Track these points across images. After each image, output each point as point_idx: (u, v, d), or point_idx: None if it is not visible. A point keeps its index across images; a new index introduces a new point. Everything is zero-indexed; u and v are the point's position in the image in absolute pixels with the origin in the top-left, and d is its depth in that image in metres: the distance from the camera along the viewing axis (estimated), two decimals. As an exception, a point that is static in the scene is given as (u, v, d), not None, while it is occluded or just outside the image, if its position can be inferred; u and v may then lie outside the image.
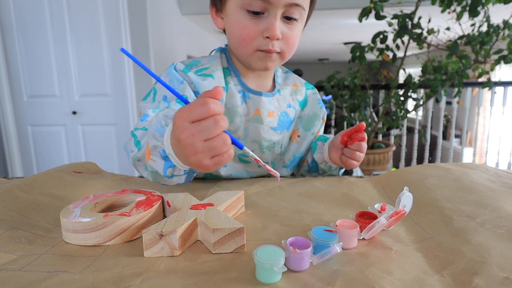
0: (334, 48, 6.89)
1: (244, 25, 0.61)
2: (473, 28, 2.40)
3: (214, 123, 0.37)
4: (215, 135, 0.37)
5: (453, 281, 0.34)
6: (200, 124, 0.37)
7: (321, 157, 0.74)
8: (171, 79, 0.64)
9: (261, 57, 0.64)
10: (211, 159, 0.39)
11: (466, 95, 3.13)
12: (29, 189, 0.57)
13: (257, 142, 0.71)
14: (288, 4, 0.59)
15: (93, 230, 0.43)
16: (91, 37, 2.44)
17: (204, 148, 0.38)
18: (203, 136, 0.37)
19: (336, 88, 2.75)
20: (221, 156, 0.39)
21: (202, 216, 0.44)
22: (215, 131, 0.37)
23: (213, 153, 0.38)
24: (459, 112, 4.50)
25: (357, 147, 0.65)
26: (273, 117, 0.72)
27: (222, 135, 0.38)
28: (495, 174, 0.64)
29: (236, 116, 0.69)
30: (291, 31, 0.63)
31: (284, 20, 0.62)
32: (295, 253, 0.36)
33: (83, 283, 0.35)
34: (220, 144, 0.38)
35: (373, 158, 2.70)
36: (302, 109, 0.79)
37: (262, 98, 0.70)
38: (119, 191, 0.53)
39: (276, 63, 0.66)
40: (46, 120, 2.59)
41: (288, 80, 0.79)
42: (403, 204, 0.45)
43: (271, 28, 0.60)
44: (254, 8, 0.59)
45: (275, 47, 0.62)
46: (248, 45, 0.63)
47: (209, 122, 0.37)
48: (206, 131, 0.37)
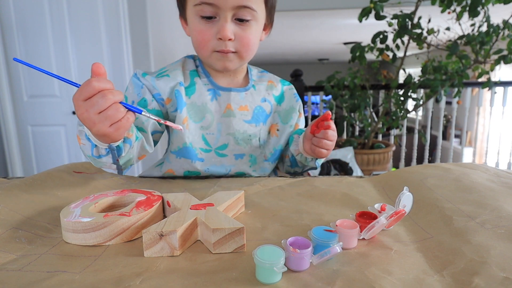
0: (334, 48, 6.89)
1: (200, 29, 0.68)
2: (473, 28, 2.40)
3: (102, 97, 0.44)
4: (106, 106, 0.44)
5: (453, 281, 0.34)
6: (91, 100, 0.44)
7: (297, 149, 0.75)
8: (134, 85, 0.72)
9: (218, 57, 0.69)
10: (110, 126, 0.46)
11: (466, 95, 3.13)
12: (29, 189, 0.57)
13: (231, 134, 0.75)
14: (235, 6, 0.64)
15: (93, 230, 0.43)
16: (91, 37, 2.44)
17: (100, 119, 0.45)
18: (95, 109, 0.44)
19: (336, 88, 2.75)
20: (119, 122, 0.46)
21: (202, 216, 0.44)
22: (104, 103, 0.44)
23: (110, 121, 0.46)
24: (459, 112, 4.51)
25: (323, 135, 0.66)
26: (246, 111, 0.77)
27: (114, 105, 0.45)
28: (495, 174, 0.64)
29: (207, 112, 0.74)
30: (244, 31, 0.68)
31: (237, 22, 0.67)
32: (295, 253, 0.36)
33: (83, 283, 0.35)
34: (113, 112, 0.45)
35: (373, 158, 2.70)
36: (280, 104, 0.82)
37: (231, 94, 0.75)
38: (119, 191, 0.53)
39: (234, 62, 0.71)
40: (46, 120, 2.59)
41: (264, 77, 0.83)
42: (403, 204, 0.45)
43: (221, 30, 0.65)
44: (206, 13, 0.65)
45: (229, 47, 0.68)
46: (205, 48, 0.69)
47: (97, 97, 0.44)
48: (97, 105, 0.44)
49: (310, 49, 6.99)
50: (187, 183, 0.70)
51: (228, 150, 0.75)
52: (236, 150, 0.76)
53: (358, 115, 2.80)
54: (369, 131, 2.78)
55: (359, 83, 2.74)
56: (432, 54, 2.66)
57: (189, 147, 0.72)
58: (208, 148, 0.75)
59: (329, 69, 5.40)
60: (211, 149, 0.75)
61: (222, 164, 0.76)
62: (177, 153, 0.73)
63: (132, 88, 0.72)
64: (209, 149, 0.75)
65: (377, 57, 2.62)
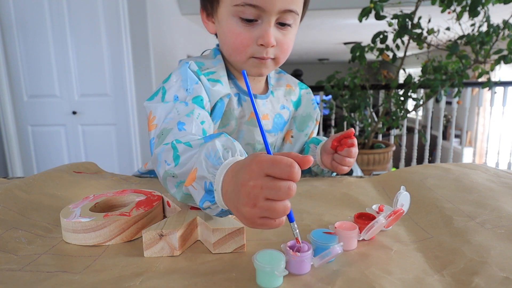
0: (334, 48, 6.89)
1: (237, 32, 0.60)
2: (473, 28, 2.40)
3: (288, 188, 0.34)
4: (281, 199, 0.34)
5: (453, 281, 0.34)
6: (274, 182, 0.34)
7: (313, 160, 0.74)
8: (185, 78, 0.61)
9: (255, 64, 0.63)
10: (261, 218, 0.36)
11: (466, 95, 3.13)
12: (29, 189, 0.57)
13: (251, 145, 0.71)
14: (282, 10, 0.58)
15: (93, 230, 0.43)
16: (91, 37, 2.44)
17: (264, 206, 0.35)
18: (271, 195, 0.34)
19: (336, 88, 2.75)
20: (272, 220, 0.36)
21: (202, 216, 0.44)
22: (284, 196, 0.34)
23: (267, 214, 0.35)
24: (459, 112, 4.50)
25: (347, 153, 0.65)
26: (267, 120, 0.72)
27: (286, 202, 0.35)
28: (495, 174, 0.64)
29: (232, 118, 0.68)
30: (285, 37, 0.62)
31: (278, 26, 0.61)
32: (295, 256, 0.35)
33: (83, 283, 0.35)
34: (280, 209, 0.34)
35: (373, 158, 2.69)
36: (296, 109, 0.79)
37: (257, 101, 0.70)
38: (119, 191, 0.53)
39: (270, 68, 0.66)
40: (46, 120, 2.59)
41: (281, 80, 0.78)
42: (401, 203, 0.45)
43: (265, 36, 0.59)
44: (247, 15, 0.58)
45: (269, 54, 0.62)
46: (242, 53, 0.62)
47: (284, 184, 0.34)
48: (277, 191, 0.34)
49: (310, 49, 6.99)
50: (187, 183, 0.70)
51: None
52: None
53: (358, 115, 2.80)
54: (369, 131, 2.78)
55: (359, 83, 2.73)
56: (432, 54, 2.66)
57: None
58: None
59: (329, 69, 5.40)
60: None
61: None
62: None
63: (182, 78, 0.61)
64: None
65: (377, 57, 2.62)
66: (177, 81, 0.61)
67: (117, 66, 2.49)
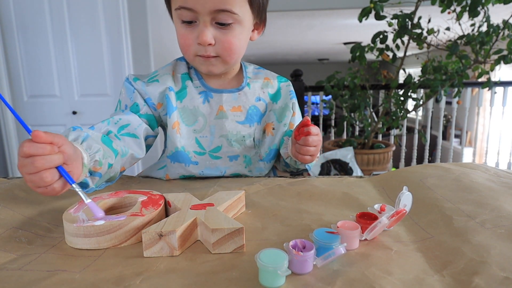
0: (334, 48, 6.89)
1: (182, 33, 0.67)
2: (473, 28, 2.40)
3: (31, 163, 0.42)
4: (33, 172, 0.42)
5: (453, 281, 0.34)
6: (24, 160, 0.43)
7: (286, 152, 0.75)
8: (126, 90, 0.72)
9: (201, 61, 0.69)
10: (38, 188, 0.44)
11: (466, 95, 3.13)
12: (29, 189, 0.57)
13: (224, 136, 0.75)
14: (213, 10, 0.63)
15: (109, 233, 0.42)
16: (91, 37, 2.44)
17: (28, 180, 0.43)
18: (25, 170, 0.43)
19: (336, 88, 2.75)
20: (44, 188, 0.44)
21: (202, 216, 0.44)
22: (32, 169, 0.42)
23: (35, 185, 0.44)
24: (459, 112, 4.50)
25: (303, 141, 0.65)
26: (239, 111, 0.76)
27: (41, 173, 0.43)
28: (495, 174, 0.64)
29: (199, 115, 0.74)
30: (225, 35, 0.66)
31: (218, 26, 0.65)
32: (298, 256, 0.35)
33: (83, 282, 0.35)
34: (37, 180, 0.43)
35: (373, 158, 2.70)
36: (275, 102, 0.81)
37: (223, 95, 0.75)
38: (113, 193, 0.53)
39: (218, 66, 0.70)
40: (46, 120, 2.59)
41: (260, 74, 0.82)
42: (403, 203, 0.45)
43: (200, 35, 0.65)
44: (185, 18, 0.65)
45: (209, 52, 0.67)
46: (187, 52, 0.69)
47: (28, 161, 0.42)
48: (26, 167, 0.43)
49: (310, 49, 6.99)
50: (187, 183, 0.70)
51: (222, 152, 0.75)
52: (230, 152, 0.75)
53: (358, 115, 2.80)
54: (369, 131, 2.78)
55: (359, 83, 2.73)
56: (432, 54, 2.66)
57: (181, 151, 0.71)
58: (202, 151, 0.74)
59: (329, 69, 5.40)
60: (205, 152, 0.74)
61: (217, 166, 0.75)
62: (171, 158, 0.72)
63: (124, 92, 0.72)
64: (203, 152, 0.74)
65: (377, 57, 2.62)
66: (122, 94, 0.72)
67: (117, 66, 2.49)
